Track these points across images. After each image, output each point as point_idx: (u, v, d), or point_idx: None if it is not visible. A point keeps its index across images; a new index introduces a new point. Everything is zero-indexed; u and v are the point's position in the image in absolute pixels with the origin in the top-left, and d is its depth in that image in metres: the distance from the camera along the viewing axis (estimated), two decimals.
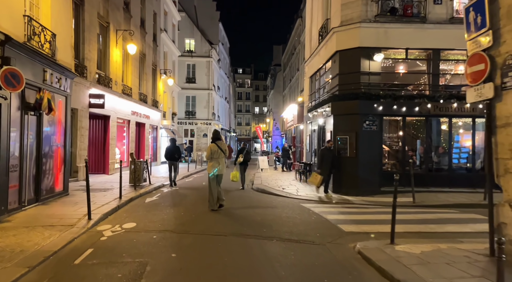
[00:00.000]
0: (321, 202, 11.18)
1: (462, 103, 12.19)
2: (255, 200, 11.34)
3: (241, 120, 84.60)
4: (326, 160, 11.75)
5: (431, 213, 9.25)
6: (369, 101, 12.20)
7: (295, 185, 14.84)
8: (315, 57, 16.61)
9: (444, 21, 12.41)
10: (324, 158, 11.79)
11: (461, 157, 13.19)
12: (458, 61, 12.91)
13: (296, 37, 44.73)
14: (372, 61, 12.42)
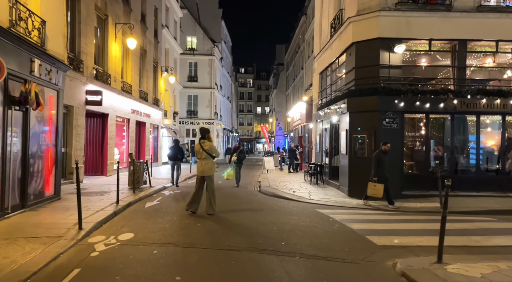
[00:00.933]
0: (339, 207, 10.15)
1: (491, 99, 11.17)
2: (266, 205, 10.31)
3: (243, 120, 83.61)
4: (383, 166, 9.97)
5: (465, 221, 8.21)
6: (389, 97, 11.17)
7: (306, 188, 13.81)
8: (326, 51, 15.58)
9: (472, 9, 11.37)
10: (381, 163, 9.99)
11: (490, 158, 12.14)
12: (486, 53, 11.86)
13: (300, 35, 43.72)
14: (392, 53, 11.39)
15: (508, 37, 11.41)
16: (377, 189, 9.89)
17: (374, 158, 10.07)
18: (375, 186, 9.92)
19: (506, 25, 11.31)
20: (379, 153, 10.11)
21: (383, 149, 10.10)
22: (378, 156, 10.07)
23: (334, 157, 14.75)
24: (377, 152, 10.18)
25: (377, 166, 9.95)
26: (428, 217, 8.67)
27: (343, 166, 12.56)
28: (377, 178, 9.92)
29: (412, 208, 10.02)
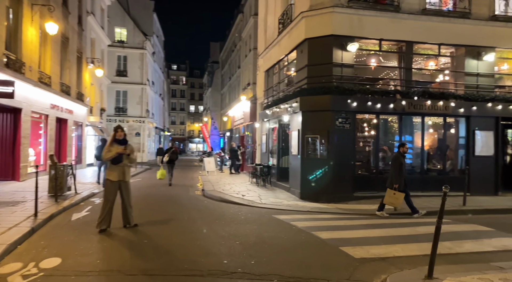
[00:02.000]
0: (295, 212, 9.51)
1: (435, 100, 11.42)
2: (218, 212, 9.30)
3: (175, 119, 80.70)
4: (402, 169, 8.86)
5: (425, 224, 8.04)
6: (342, 96, 10.85)
7: (255, 191, 13.03)
8: (273, 48, 14.97)
9: (417, 11, 11.54)
10: (402, 168, 8.88)
11: (432, 158, 12.48)
12: (430, 56, 12.15)
13: (237, 33, 43.04)
14: (345, 51, 11.10)
15: (449, 41, 11.78)
16: (397, 197, 8.72)
17: (394, 162, 8.88)
18: (395, 194, 8.72)
19: (447, 29, 11.67)
20: (399, 156, 8.92)
21: (402, 151, 9.03)
22: (400, 159, 8.84)
23: (283, 158, 14.21)
24: (397, 155, 9.00)
25: (399, 171, 8.76)
26: (388, 221, 8.39)
27: (294, 167, 12.02)
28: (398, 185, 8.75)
29: (367, 211, 9.75)
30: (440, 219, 4.61)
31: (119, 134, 7.06)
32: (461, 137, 11.98)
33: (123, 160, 7.01)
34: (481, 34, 11.85)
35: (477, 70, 11.92)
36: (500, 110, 11.76)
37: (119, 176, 7.02)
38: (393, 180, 8.84)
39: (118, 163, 6.98)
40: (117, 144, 7.00)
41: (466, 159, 11.81)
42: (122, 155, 6.95)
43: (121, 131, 7.10)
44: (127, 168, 7.14)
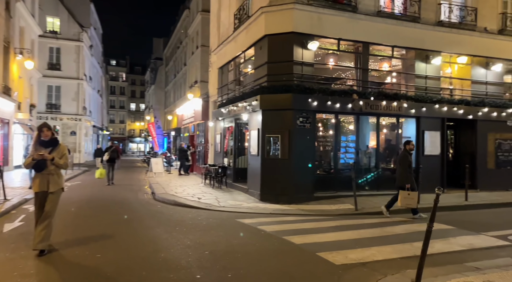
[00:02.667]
0: (258, 215, 9.09)
1: (389, 101, 11.70)
2: (175, 218, 8.57)
3: (115, 117, 76.45)
4: (411, 167, 8.76)
5: (390, 224, 8.08)
6: (302, 95, 10.66)
7: (211, 193, 12.41)
8: (228, 44, 14.44)
9: (373, 13, 11.73)
10: (411, 166, 8.77)
11: (386, 158, 12.80)
12: (384, 58, 12.43)
13: (182, 29, 41.75)
14: (305, 49, 10.92)
15: (401, 44, 12.15)
16: (412, 197, 8.39)
17: (402, 161, 8.64)
18: (409, 194, 8.38)
19: (400, 32, 12.02)
20: (407, 155, 8.72)
21: (408, 148, 8.85)
22: (407, 157, 8.64)
23: (239, 158, 13.74)
24: (403, 153, 8.80)
25: (408, 169, 8.59)
26: (355, 222, 8.29)
27: (253, 168, 11.62)
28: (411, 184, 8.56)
29: (329, 211, 9.63)
30: (431, 222, 4.45)
31: (45, 134, 5.68)
32: (412, 137, 12.40)
33: (47, 167, 5.61)
34: (429, 38, 12.38)
35: (426, 72, 12.43)
36: (445, 112, 12.37)
37: (42, 186, 5.63)
38: (404, 180, 8.60)
39: (40, 170, 5.61)
40: (42, 146, 5.66)
41: (416, 159, 12.25)
42: (46, 161, 5.56)
43: (47, 130, 5.69)
44: (52, 176, 5.67)
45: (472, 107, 12.74)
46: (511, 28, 13.56)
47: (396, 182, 8.96)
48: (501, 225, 8.04)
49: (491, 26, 13.33)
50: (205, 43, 31.84)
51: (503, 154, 13.42)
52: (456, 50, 12.83)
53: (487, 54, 13.19)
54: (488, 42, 13.21)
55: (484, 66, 13.24)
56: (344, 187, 11.30)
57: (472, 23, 13.00)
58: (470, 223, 8.25)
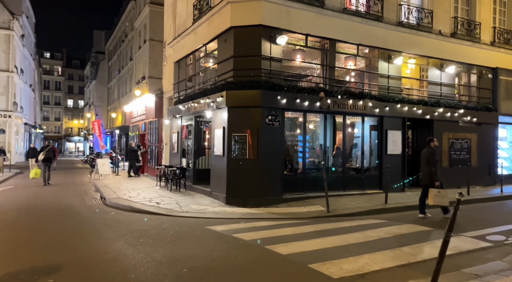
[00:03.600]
0: (228, 221, 8.38)
1: (356, 100, 11.58)
2: (136, 227, 7.58)
3: (49, 114, 70.50)
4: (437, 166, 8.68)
5: (369, 227, 7.75)
6: (271, 92, 10.12)
7: (170, 197, 11.43)
8: (187, 37, 13.47)
9: (339, 10, 11.52)
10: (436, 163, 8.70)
11: (351, 157, 12.70)
12: (349, 56, 12.29)
13: (128, 22, 39.46)
14: (274, 44, 10.39)
15: (366, 42, 12.09)
16: (443, 195, 8.12)
17: (429, 158, 8.57)
18: (440, 192, 8.18)
19: (365, 31, 11.95)
20: (433, 152, 8.68)
21: (432, 146, 8.81)
22: (434, 155, 8.63)
23: (200, 158, 12.86)
24: (429, 150, 8.72)
25: (433, 165, 8.49)
26: (332, 226, 7.89)
27: (217, 169, 10.86)
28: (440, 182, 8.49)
29: (301, 214, 9.20)
30: (449, 231, 4.07)
31: None
32: (376, 136, 12.43)
33: None
34: (391, 38, 12.48)
35: (388, 72, 12.52)
36: (406, 112, 12.56)
37: None
38: (433, 178, 8.48)
39: None
40: None
41: (380, 158, 12.30)
42: None
43: None
44: None
45: (429, 107, 13.08)
46: (462, 32, 14.15)
47: (423, 180, 8.94)
48: (474, 224, 8.11)
49: (444, 29, 13.81)
50: (154, 37, 30.24)
51: (455, 152, 13.99)
52: (415, 51, 13.09)
53: (442, 56, 13.65)
54: (443, 44, 13.66)
55: (439, 67, 13.68)
56: (312, 187, 10.99)
57: (429, 26, 13.36)
58: (443, 223, 8.23)
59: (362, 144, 12.30)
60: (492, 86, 15.07)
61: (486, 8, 14.94)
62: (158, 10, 30.38)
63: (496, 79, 15.02)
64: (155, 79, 29.22)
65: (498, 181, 14.51)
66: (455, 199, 4.10)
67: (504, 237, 6.87)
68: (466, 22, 14.38)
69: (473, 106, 14.34)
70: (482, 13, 14.77)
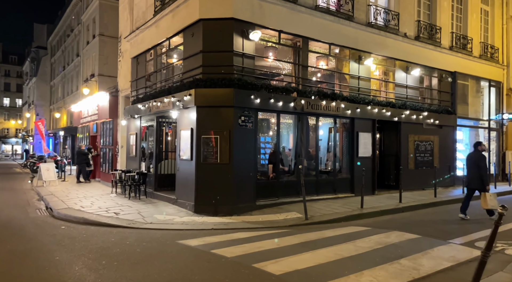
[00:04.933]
0: (199, 233, 7.50)
1: (329, 101, 11.20)
2: (94, 245, 6.47)
3: None
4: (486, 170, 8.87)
5: (353, 236, 7.29)
6: (245, 91, 9.40)
7: (129, 206, 10.27)
8: (147, 31, 12.33)
9: (311, 6, 11.08)
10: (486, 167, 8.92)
11: (324, 160, 12.30)
12: (321, 56, 11.90)
13: (74, 15, 36.80)
14: (246, 40, 9.67)
15: (338, 42, 11.77)
16: (493, 199, 8.38)
17: (480, 162, 8.66)
18: (491, 196, 8.42)
19: (337, 30, 11.64)
20: (483, 155, 8.82)
21: (480, 149, 8.96)
22: (485, 158, 8.79)
23: (163, 162, 11.79)
24: (478, 154, 8.85)
25: (483, 169, 8.63)
26: (316, 236, 7.29)
27: (184, 174, 9.90)
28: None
29: (278, 222, 8.54)
30: (488, 250, 3.58)
31: None
32: (347, 138, 12.14)
33: None
34: (362, 38, 12.29)
35: (359, 73, 12.31)
36: (376, 113, 12.42)
37: None
38: (485, 182, 8.60)
39: None
40: None
41: (351, 160, 12.03)
42: None
43: None
44: None
45: (397, 109, 13.07)
46: (425, 35, 14.37)
47: (471, 184, 8.99)
48: (456, 229, 7.95)
49: (409, 32, 13.93)
50: (105, 32, 28.26)
51: (420, 154, 14.15)
52: (383, 52, 13.02)
53: (407, 58, 13.74)
54: (408, 47, 13.77)
55: (405, 70, 13.76)
56: (286, 193, 10.45)
57: (395, 28, 13.38)
58: (426, 228, 7.99)
59: (334, 147, 11.95)
60: (451, 90, 15.50)
61: (445, 14, 15.35)
62: (109, 3, 28.44)
63: (454, 83, 15.47)
64: (106, 77, 27.29)
65: (458, 182, 15.00)
66: (497, 213, 3.60)
67: None
68: (428, 26, 14.64)
69: (435, 109, 14.62)
70: (442, 18, 15.15)
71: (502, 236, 7.11)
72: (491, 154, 17.30)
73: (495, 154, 17.56)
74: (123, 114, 14.17)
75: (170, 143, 12.44)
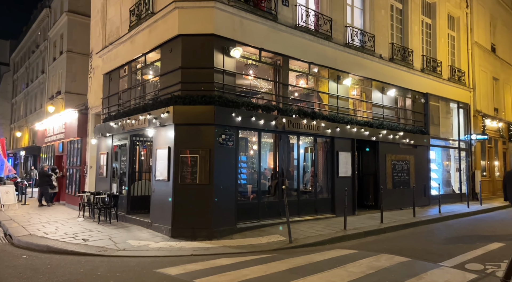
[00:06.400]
0: (178, 260, 6.92)
1: (310, 120, 11.06)
2: (61, 277, 5.77)
3: None
4: None
5: (341, 261, 7.00)
6: (226, 109, 9.07)
7: (99, 230, 9.48)
8: (121, 46, 11.83)
9: (291, 25, 11.05)
10: None
11: (305, 180, 12.04)
12: (301, 75, 11.82)
13: (40, 31, 35.59)
14: (227, 56, 9.43)
15: (317, 61, 11.75)
16: None
17: None
18: None
19: (316, 49, 11.65)
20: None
21: None
22: None
23: (136, 183, 11.10)
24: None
25: None
26: (305, 261, 6.92)
27: (159, 196, 9.31)
28: None
29: (261, 246, 8.10)
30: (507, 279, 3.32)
31: None
32: (328, 158, 11.98)
33: None
34: (340, 58, 12.38)
35: (337, 92, 12.32)
36: (355, 133, 12.40)
37: None
38: None
39: None
40: None
41: (332, 180, 11.84)
42: None
43: None
44: None
45: (375, 129, 13.13)
46: (398, 57, 14.74)
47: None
48: (443, 250, 7.79)
49: (384, 54, 14.22)
50: (73, 48, 27.36)
51: (397, 174, 14.21)
52: (361, 73, 13.16)
53: (383, 79, 13.96)
54: (384, 68, 14.03)
55: (381, 90, 13.96)
56: (267, 214, 10.07)
57: (371, 49, 13.62)
58: (413, 250, 7.79)
59: (315, 166, 11.74)
60: (424, 110, 15.88)
61: (416, 38, 15.88)
62: (78, 20, 27.68)
63: (427, 103, 15.88)
64: (73, 94, 26.22)
65: (432, 202, 15.16)
66: None
67: (481, 265, 6.52)
68: (402, 48, 15.05)
69: (410, 129, 14.85)
70: (413, 42, 15.64)
71: (488, 258, 7.04)
72: (461, 173, 17.71)
73: (465, 174, 18.00)
74: (93, 132, 13.40)
75: (144, 163, 11.80)
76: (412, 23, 15.65)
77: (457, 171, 17.69)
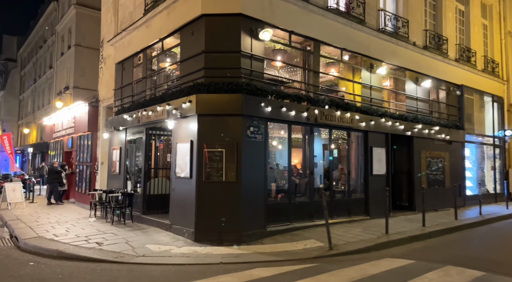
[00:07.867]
0: (210, 270, 5.94)
1: (343, 112, 10.00)
2: None
3: None
4: None
5: (401, 274, 5.99)
6: (254, 98, 8.06)
7: (114, 233, 8.55)
8: (136, 32, 10.85)
9: (322, 7, 9.99)
10: None
11: (337, 178, 10.98)
12: (333, 62, 10.76)
13: (47, 26, 34.81)
14: (255, 40, 8.41)
15: (350, 47, 10.68)
16: None
17: None
18: None
19: (349, 34, 10.59)
20: None
21: None
22: None
23: (152, 181, 10.15)
24: None
25: None
26: (356, 273, 5.92)
27: (181, 195, 8.34)
28: None
29: (298, 253, 7.10)
30: None
31: None
32: (361, 154, 10.93)
33: None
34: (374, 45, 11.30)
35: (371, 82, 11.25)
36: (389, 127, 11.33)
37: None
38: None
39: None
40: None
41: (365, 179, 10.79)
42: None
43: None
44: None
45: (409, 122, 12.04)
46: (432, 45, 13.59)
47: None
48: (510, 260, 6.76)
49: (418, 41, 13.10)
50: (82, 42, 26.53)
51: (432, 172, 13.10)
52: (394, 61, 12.05)
53: (418, 69, 12.85)
54: (418, 57, 12.91)
55: (415, 81, 12.84)
56: (298, 216, 9.05)
57: (405, 36, 12.51)
58: (479, 261, 6.71)
59: (347, 163, 10.69)
60: (458, 103, 14.72)
61: (450, 24, 14.71)
62: (86, 13, 26.83)
63: (462, 96, 14.71)
64: (82, 89, 25.39)
65: (467, 202, 14.04)
66: None
67: None
68: (436, 36, 13.90)
69: (445, 123, 13.71)
70: (447, 29, 14.48)
71: None
72: (495, 172, 16.52)
73: (499, 172, 16.80)
74: (104, 126, 12.46)
75: (161, 158, 10.84)
76: (446, 8, 14.48)
77: (491, 169, 16.49)
